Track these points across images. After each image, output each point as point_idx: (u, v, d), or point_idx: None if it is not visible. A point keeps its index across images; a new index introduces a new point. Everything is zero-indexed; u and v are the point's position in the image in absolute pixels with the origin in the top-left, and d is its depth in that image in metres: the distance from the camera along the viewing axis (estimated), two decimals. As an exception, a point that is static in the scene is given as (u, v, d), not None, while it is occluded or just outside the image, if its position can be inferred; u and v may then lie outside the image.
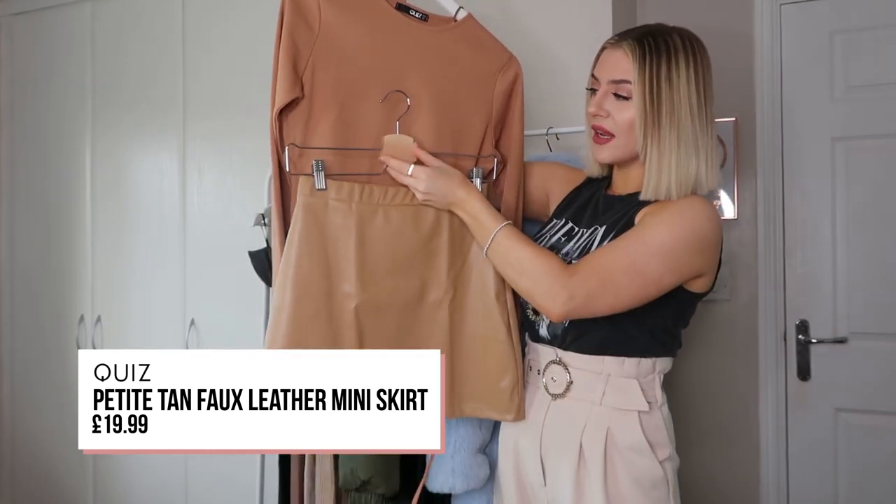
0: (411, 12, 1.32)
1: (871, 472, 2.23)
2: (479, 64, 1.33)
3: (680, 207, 1.27)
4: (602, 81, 1.33)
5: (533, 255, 1.27)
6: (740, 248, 2.40)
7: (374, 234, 1.28)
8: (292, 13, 1.29)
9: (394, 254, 1.29)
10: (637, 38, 1.32)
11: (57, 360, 2.88)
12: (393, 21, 1.31)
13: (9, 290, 3.01)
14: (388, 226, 1.29)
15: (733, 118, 2.40)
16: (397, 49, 1.30)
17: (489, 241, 1.28)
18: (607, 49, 1.37)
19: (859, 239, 2.26)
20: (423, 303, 1.33)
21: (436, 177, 1.29)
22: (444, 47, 1.32)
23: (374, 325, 1.28)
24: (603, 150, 1.35)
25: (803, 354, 2.30)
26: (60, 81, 2.88)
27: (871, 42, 2.25)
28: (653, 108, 1.27)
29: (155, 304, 2.69)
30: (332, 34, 1.29)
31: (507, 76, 1.36)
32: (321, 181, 1.24)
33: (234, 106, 2.55)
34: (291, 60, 1.27)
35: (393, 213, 1.29)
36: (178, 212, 2.65)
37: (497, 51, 1.37)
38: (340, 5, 1.30)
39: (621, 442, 1.31)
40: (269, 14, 2.49)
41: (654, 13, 2.52)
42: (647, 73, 1.27)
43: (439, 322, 1.34)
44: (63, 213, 2.88)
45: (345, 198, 1.26)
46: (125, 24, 2.76)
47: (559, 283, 1.23)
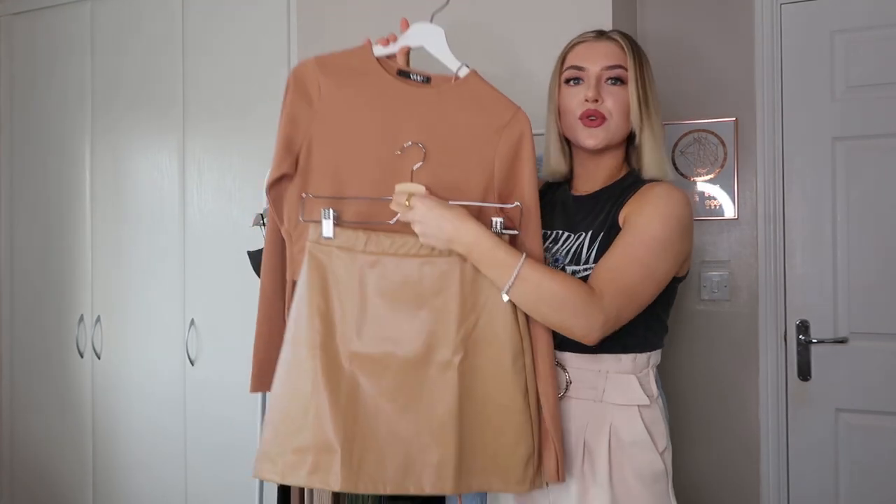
0: (412, 76, 1.30)
1: (872, 472, 2.23)
2: (479, 123, 1.27)
3: (660, 199, 1.30)
4: (591, 70, 1.36)
5: (564, 285, 1.20)
6: (740, 248, 2.40)
7: (376, 283, 1.22)
8: (294, 92, 1.30)
9: (396, 306, 1.22)
10: (620, 33, 1.40)
11: (57, 360, 2.89)
12: (392, 89, 1.29)
13: (9, 290, 3.01)
14: (391, 276, 1.22)
15: (733, 118, 2.40)
16: (397, 116, 1.28)
17: (512, 278, 1.18)
18: (587, 42, 1.40)
19: (859, 239, 2.26)
20: (429, 362, 1.22)
21: (433, 207, 1.19)
22: (445, 108, 1.28)
23: (372, 377, 1.22)
24: (596, 133, 1.36)
25: (803, 354, 2.30)
26: (60, 81, 2.88)
27: (871, 42, 2.25)
28: (644, 92, 1.36)
29: (155, 304, 2.69)
30: (331, 109, 1.28)
31: (511, 135, 1.27)
32: (328, 229, 1.22)
33: (233, 106, 2.55)
34: (286, 139, 1.29)
35: (398, 264, 1.22)
36: (178, 212, 2.65)
37: (499, 108, 1.29)
38: (339, 80, 1.29)
39: (625, 437, 1.31)
40: (268, 14, 2.51)
41: (654, 13, 2.52)
42: (638, 61, 1.37)
43: (447, 385, 1.22)
44: (63, 213, 2.88)
45: (349, 245, 1.22)
46: (125, 24, 2.76)
47: (595, 309, 1.20)
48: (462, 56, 1.38)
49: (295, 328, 1.24)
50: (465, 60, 1.31)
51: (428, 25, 1.34)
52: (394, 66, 1.32)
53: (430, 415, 1.21)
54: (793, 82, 2.33)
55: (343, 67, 1.30)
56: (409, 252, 1.22)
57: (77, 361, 2.84)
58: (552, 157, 1.45)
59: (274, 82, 2.47)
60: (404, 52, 1.34)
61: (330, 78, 1.29)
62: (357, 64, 1.31)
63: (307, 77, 1.30)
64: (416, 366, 1.22)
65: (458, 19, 2.14)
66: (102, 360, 2.79)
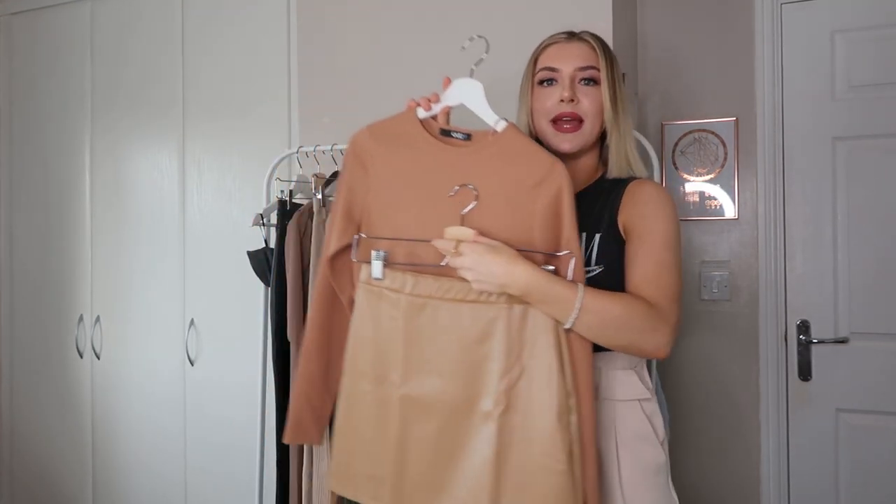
0: (453, 135, 1.33)
1: (872, 472, 2.23)
2: (517, 178, 1.26)
3: (656, 200, 1.33)
4: (565, 71, 1.38)
5: (626, 307, 1.19)
6: (740, 248, 2.40)
7: (421, 327, 1.22)
8: (351, 162, 1.34)
9: (440, 351, 1.21)
10: (591, 34, 1.42)
11: (57, 360, 2.88)
12: (435, 149, 1.31)
13: (8, 290, 3.00)
14: (435, 321, 1.21)
15: (733, 118, 2.40)
16: (441, 175, 1.29)
17: (576, 311, 1.15)
18: (559, 44, 1.42)
19: (859, 239, 2.27)
20: (472, 412, 1.19)
21: (483, 252, 1.16)
22: (485, 163, 1.28)
23: (418, 421, 1.21)
24: (571, 138, 1.37)
25: (804, 354, 2.31)
26: (60, 81, 2.87)
27: (871, 42, 2.26)
28: (615, 92, 1.37)
29: (154, 304, 2.69)
30: (383, 174, 1.32)
31: (549, 190, 1.24)
32: (378, 270, 1.24)
33: (233, 106, 2.55)
34: (346, 208, 1.33)
35: (443, 308, 1.21)
36: (178, 212, 2.65)
37: (536, 163, 1.26)
38: (389, 146, 1.33)
39: (629, 432, 1.32)
40: (268, 14, 2.51)
41: (654, 13, 2.52)
42: (608, 60, 1.38)
43: (486, 437, 1.17)
44: (63, 213, 2.87)
45: (397, 287, 1.23)
46: (125, 23, 2.75)
47: (661, 322, 1.21)
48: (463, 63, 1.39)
49: (352, 361, 1.28)
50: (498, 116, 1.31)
51: (468, 82, 1.36)
52: (436, 126, 1.34)
53: (467, 467, 1.18)
54: (793, 82, 2.34)
55: (392, 133, 1.34)
56: (455, 297, 1.21)
57: (77, 361, 2.84)
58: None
59: (274, 82, 2.47)
60: (445, 112, 1.36)
61: (381, 145, 1.33)
62: (403, 129, 1.34)
63: (362, 147, 1.34)
64: (459, 413, 1.20)
65: (458, 24, 2.14)
66: (102, 360, 2.79)
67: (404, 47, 2.21)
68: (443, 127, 1.34)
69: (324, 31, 2.33)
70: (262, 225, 2.03)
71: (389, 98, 2.22)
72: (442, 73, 2.16)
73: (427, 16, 2.19)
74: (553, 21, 2.02)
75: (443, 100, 1.36)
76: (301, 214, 1.88)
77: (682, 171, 2.47)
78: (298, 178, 2.04)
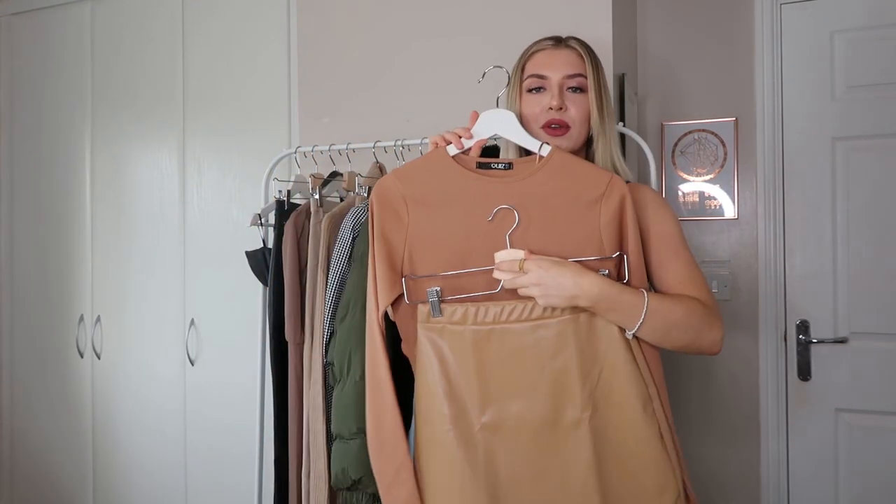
0: (493, 166, 1.29)
1: (871, 472, 2.23)
2: (575, 197, 1.25)
3: (662, 202, 1.36)
4: (553, 78, 1.37)
5: (685, 308, 1.23)
6: (740, 248, 2.40)
7: (491, 356, 1.21)
8: (381, 213, 1.28)
9: (515, 375, 1.21)
10: (577, 41, 1.42)
11: (57, 360, 2.89)
12: (476, 184, 1.27)
13: (8, 290, 3.01)
14: (504, 347, 1.21)
15: (733, 118, 2.40)
16: (488, 209, 1.26)
17: (643, 316, 1.18)
18: (547, 51, 1.41)
19: (859, 239, 2.26)
20: (559, 423, 1.21)
21: (548, 267, 1.18)
22: (535, 189, 1.26)
23: (506, 447, 1.21)
24: (560, 142, 1.37)
25: (804, 354, 2.30)
26: (60, 81, 2.88)
27: (871, 42, 2.25)
28: (601, 99, 1.38)
29: (155, 304, 2.69)
30: (422, 220, 1.27)
31: (612, 202, 1.25)
32: (436, 309, 1.22)
33: (233, 105, 2.55)
34: (388, 260, 1.27)
35: (509, 333, 1.21)
36: (178, 211, 2.65)
37: (592, 178, 1.27)
38: (423, 189, 1.28)
39: None
40: (269, 15, 2.51)
41: (654, 13, 2.52)
42: (595, 67, 1.39)
43: (581, 443, 1.20)
44: (62, 213, 2.88)
45: (459, 321, 1.21)
46: (125, 23, 2.76)
47: (715, 318, 1.25)
48: (463, 65, 1.38)
49: (424, 408, 1.24)
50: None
51: (499, 112, 1.34)
52: (471, 160, 1.30)
53: (569, 476, 1.20)
54: (793, 82, 2.33)
55: (423, 176, 1.29)
56: (520, 318, 1.21)
57: (77, 361, 2.84)
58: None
59: (274, 82, 2.47)
60: (479, 147, 1.33)
61: (414, 189, 1.28)
62: (436, 169, 1.30)
63: (391, 194, 1.28)
64: (546, 429, 1.21)
65: (459, 32, 2.14)
66: (102, 361, 2.79)
67: (404, 48, 2.21)
68: (479, 160, 1.30)
69: (324, 31, 2.33)
70: (260, 225, 2.03)
71: (389, 98, 2.23)
72: (441, 73, 2.17)
73: (427, 17, 2.19)
74: (553, 21, 2.02)
75: (476, 134, 1.33)
76: (298, 214, 1.88)
77: (682, 171, 2.46)
78: (296, 178, 2.04)
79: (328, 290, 1.75)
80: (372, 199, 1.29)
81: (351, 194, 1.94)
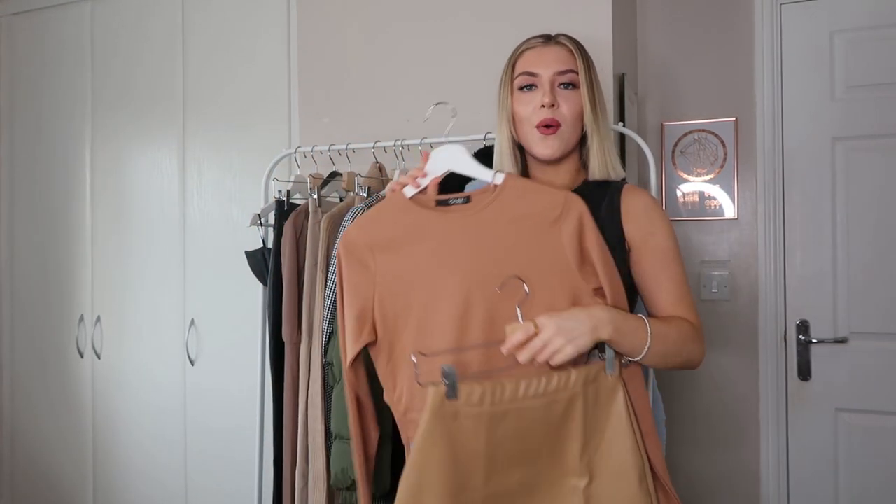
0: (451, 202, 1.29)
1: (871, 472, 2.23)
2: (535, 221, 1.25)
3: (658, 210, 1.36)
4: (544, 76, 1.36)
5: (676, 327, 1.25)
6: (740, 248, 2.40)
7: (505, 432, 1.17)
8: (347, 264, 1.29)
9: (524, 446, 1.19)
10: (567, 37, 1.41)
11: (57, 360, 2.89)
12: (436, 222, 1.28)
13: (9, 290, 3.01)
14: (519, 423, 1.17)
15: (733, 118, 2.40)
16: (450, 245, 1.26)
17: (648, 340, 1.19)
18: (536, 48, 1.40)
19: (859, 239, 2.26)
20: (554, 489, 1.20)
21: (557, 314, 1.16)
22: (497, 217, 1.27)
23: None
24: (550, 143, 1.36)
25: (803, 354, 2.30)
26: (60, 81, 2.88)
27: (871, 42, 2.25)
28: (594, 95, 1.36)
29: (155, 304, 2.69)
30: (388, 266, 1.28)
31: (571, 220, 1.25)
32: (453, 391, 1.14)
33: (233, 106, 2.55)
34: (358, 311, 1.27)
35: (525, 409, 1.17)
36: (178, 211, 2.65)
37: (548, 200, 1.27)
38: (385, 235, 1.29)
39: None
40: (269, 15, 2.51)
41: (654, 13, 2.52)
42: (586, 63, 1.37)
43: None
44: (63, 213, 2.88)
45: (476, 402, 1.15)
46: (125, 23, 2.76)
47: (700, 334, 1.28)
48: (463, 65, 1.38)
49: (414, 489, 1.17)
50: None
51: (450, 148, 1.33)
52: (429, 199, 1.31)
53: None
54: (793, 82, 2.33)
55: (385, 222, 1.30)
56: (536, 393, 1.17)
57: (77, 361, 2.84)
58: (504, 165, 1.44)
59: (274, 82, 2.47)
60: (436, 184, 1.33)
61: (377, 236, 1.29)
62: (396, 213, 1.30)
63: (356, 245, 1.29)
64: (544, 494, 1.20)
65: (458, 32, 2.14)
66: (102, 361, 2.79)
67: (404, 48, 2.21)
68: (438, 198, 1.30)
69: (324, 31, 2.33)
70: (260, 225, 2.03)
71: (389, 98, 2.23)
72: (441, 73, 2.17)
73: (427, 17, 2.19)
74: (554, 21, 2.02)
75: (429, 172, 1.33)
76: (297, 214, 1.88)
77: (682, 171, 2.46)
78: (296, 178, 2.04)
79: (327, 290, 1.75)
80: (338, 252, 1.30)
81: (350, 194, 1.94)
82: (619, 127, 1.77)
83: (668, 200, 2.48)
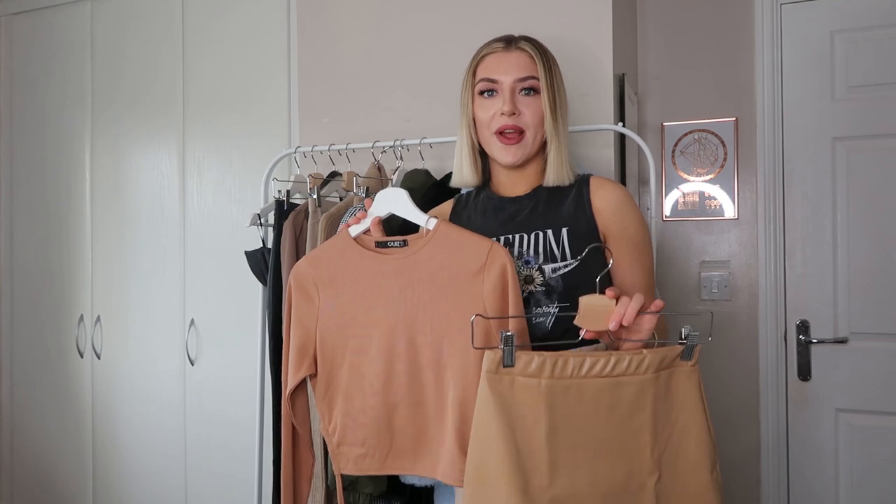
0: (389, 244, 1.35)
1: (872, 472, 2.23)
2: (459, 269, 1.28)
3: (630, 201, 1.36)
4: (505, 82, 1.36)
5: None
6: (740, 248, 2.40)
7: (567, 413, 1.11)
8: (296, 296, 1.36)
9: (590, 436, 1.12)
10: (528, 41, 1.40)
11: (57, 360, 2.89)
12: (372, 262, 1.34)
13: (8, 290, 3.01)
14: (582, 403, 1.11)
15: (733, 118, 2.40)
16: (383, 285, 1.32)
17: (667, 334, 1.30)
18: (497, 53, 1.39)
19: (859, 239, 2.26)
20: (626, 490, 1.14)
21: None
22: (426, 262, 1.31)
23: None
24: (514, 150, 1.36)
25: (804, 354, 2.30)
26: (60, 81, 2.88)
27: (871, 42, 2.25)
28: (555, 100, 1.36)
29: (155, 304, 2.69)
30: (329, 300, 1.34)
31: (493, 272, 1.26)
32: (510, 356, 1.10)
33: (233, 105, 2.55)
34: (299, 342, 1.34)
35: (588, 388, 1.11)
36: (178, 211, 2.65)
37: (473, 249, 1.28)
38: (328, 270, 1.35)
39: None
40: (268, 15, 2.51)
41: (654, 13, 2.52)
42: (548, 69, 1.36)
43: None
44: (63, 213, 2.88)
45: (534, 372, 1.10)
46: (125, 23, 2.76)
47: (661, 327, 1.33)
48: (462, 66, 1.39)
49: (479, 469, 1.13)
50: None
51: (391, 191, 1.39)
52: (370, 239, 1.35)
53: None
54: (793, 82, 2.33)
55: (330, 258, 1.36)
56: (600, 373, 1.11)
57: (77, 361, 2.84)
58: (465, 169, 1.44)
59: (274, 82, 2.47)
60: (376, 224, 1.36)
61: (322, 272, 1.35)
62: (340, 250, 1.36)
63: (304, 279, 1.36)
64: (616, 496, 1.13)
65: (458, 32, 2.14)
66: (102, 360, 2.79)
67: (404, 47, 2.21)
68: (378, 239, 1.35)
69: (323, 31, 2.33)
70: (260, 225, 2.03)
71: (389, 99, 2.23)
72: (441, 73, 2.17)
73: (427, 18, 2.19)
74: (553, 22, 2.02)
75: (370, 213, 1.38)
76: (297, 214, 1.88)
77: (682, 171, 2.46)
78: (296, 178, 2.04)
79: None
80: (289, 283, 1.37)
81: (350, 194, 1.94)
82: (619, 127, 1.77)
83: (667, 200, 2.48)
